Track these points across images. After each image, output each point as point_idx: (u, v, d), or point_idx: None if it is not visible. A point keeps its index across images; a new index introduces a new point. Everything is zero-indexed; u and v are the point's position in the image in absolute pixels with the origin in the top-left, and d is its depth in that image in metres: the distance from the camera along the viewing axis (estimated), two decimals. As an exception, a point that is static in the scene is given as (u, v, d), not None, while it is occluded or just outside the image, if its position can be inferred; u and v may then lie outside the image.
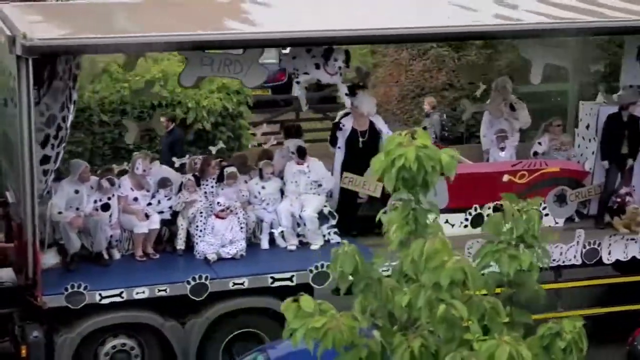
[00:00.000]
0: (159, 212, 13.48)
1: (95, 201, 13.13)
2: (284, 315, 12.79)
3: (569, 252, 13.96)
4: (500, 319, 6.92)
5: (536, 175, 14.55)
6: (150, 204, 13.53)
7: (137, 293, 12.50)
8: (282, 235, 13.78)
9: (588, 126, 15.25)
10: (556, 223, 14.39)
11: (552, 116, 15.82)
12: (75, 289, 12.20)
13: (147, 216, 13.35)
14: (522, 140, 15.94)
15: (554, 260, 13.47)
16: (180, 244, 13.49)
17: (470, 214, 14.15)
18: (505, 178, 14.42)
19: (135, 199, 13.43)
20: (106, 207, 13.15)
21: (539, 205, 7.50)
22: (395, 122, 22.71)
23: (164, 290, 12.59)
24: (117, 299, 12.43)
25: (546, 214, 14.12)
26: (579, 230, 14.08)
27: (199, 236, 13.37)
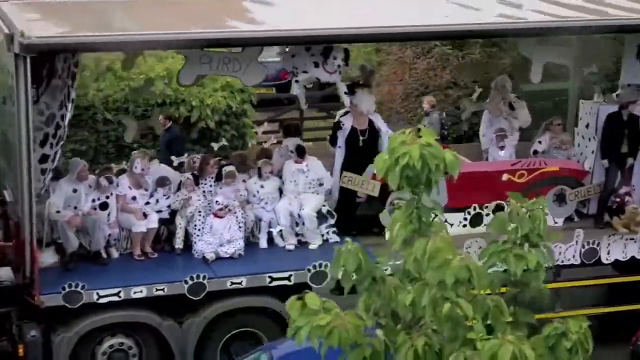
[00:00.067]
0: (158, 211, 13.45)
1: (94, 200, 13.10)
2: (281, 314, 12.88)
3: (567, 251, 13.95)
4: (504, 318, 6.90)
5: (535, 175, 14.51)
6: (149, 203, 13.50)
7: (135, 292, 12.48)
8: (281, 234, 13.74)
9: (588, 125, 15.21)
10: (555, 222, 14.34)
11: (556, 115, 15.77)
12: (73, 288, 12.18)
13: (145, 215, 13.32)
14: (525, 139, 15.88)
15: (553, 260, 13.44)
16: (179, 243, 13.46)
17: (469, 213, 14.12)
18: (505, 177, 14.39)
19: (134, 198, 13.40)
20: (104, 206, 13.12)
21: (545, 205, 7.45)
22: (399, 120, 22.63)
23: (161, 290, 12.58)
24: (115, 298, 12.42)
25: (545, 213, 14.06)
26: (578, 230, 14.06)
27: (197, 235, 13.34)
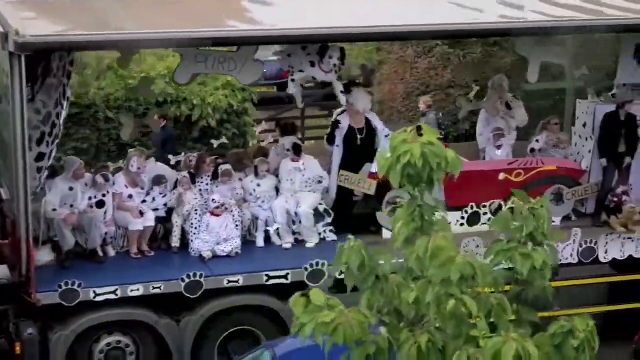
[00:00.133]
0: (154, 210, 13.46)
1: (90, 198, 13.11)
2: (278, 313, 12.86)
3: (565, 250, 13.93)
4: (507, 316, 6.91)
5: (533, 174, 14.51)
6: (145, 201, 13.51)
7: (132, 290, 12.49)
8: (278, 233, 13.74)
9: (585, 124, 15.21)
10: (553, 222, 14.28)
11: (554, 114, 15.76)
12: (70, 286, 12.19)
13: (141, 213, 13.34)
14: (522, 138, 15.87)
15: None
16: (175, 242, 13.46)
17: (466, 212, 14.10)
18: (502, 176, 14.38)
19: (130, 197, 13.41)
20: (101, 204, 13.13)
21: (548, 204, 7.45)
22: (401, 119, 22.65)
23: (158, 288, 12.58)
24: (112, 296, 12.42)
25: (543, 212, 14.06)
26: (575, 229, 14.05)
27: (194, 234, 13.35)
